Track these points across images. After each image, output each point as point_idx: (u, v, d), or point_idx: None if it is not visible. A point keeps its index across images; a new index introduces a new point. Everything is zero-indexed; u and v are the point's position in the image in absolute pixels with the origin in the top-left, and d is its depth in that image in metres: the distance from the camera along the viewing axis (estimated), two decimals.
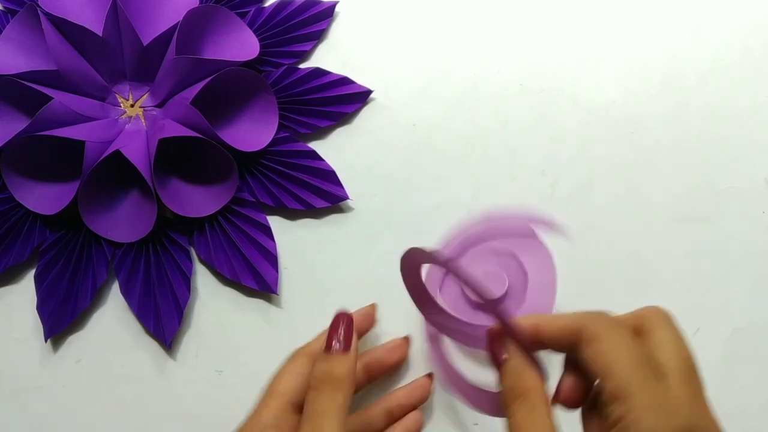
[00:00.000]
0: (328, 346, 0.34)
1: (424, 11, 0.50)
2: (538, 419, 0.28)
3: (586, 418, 0.30)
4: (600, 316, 0.29)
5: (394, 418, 0.41)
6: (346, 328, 0.34)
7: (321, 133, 0.48)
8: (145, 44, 0.45)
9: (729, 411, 0.43)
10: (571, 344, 0.29)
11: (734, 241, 0.46)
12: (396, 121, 0.48)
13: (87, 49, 0.45)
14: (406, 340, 0.43)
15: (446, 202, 0.47)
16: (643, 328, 0.29)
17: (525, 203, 0.47)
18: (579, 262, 0.45)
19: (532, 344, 0.30)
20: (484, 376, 0.38)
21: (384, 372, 0.42)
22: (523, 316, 0.31)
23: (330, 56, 0.49)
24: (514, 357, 0.30)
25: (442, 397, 0.44)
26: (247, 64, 0.46)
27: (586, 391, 0.30)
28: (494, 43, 0.49)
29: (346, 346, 0.34)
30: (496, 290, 0.42)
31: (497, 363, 0.31)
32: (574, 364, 0.30)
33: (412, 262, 0.36)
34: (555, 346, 0.30)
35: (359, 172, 0.47)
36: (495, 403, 0.34)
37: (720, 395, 0.44)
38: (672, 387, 0.26)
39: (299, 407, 0.34)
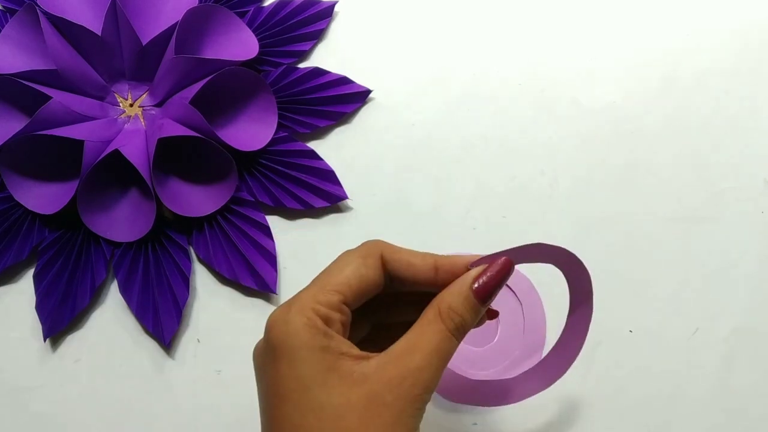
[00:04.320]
0: (486, 294, 0.29)
1: (423, 11, 0.50)
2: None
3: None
4: None
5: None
6: (499, 278, 0.30)
7: (320, 132, 0.48)
8: (144, 44, 0.45)
9: (728, 411, 0.44)
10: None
11: (733, 241, 0.46)
12: (395, 121, 0.48)
13: (86, 48, 0.45)
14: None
15: (445, 202, 0.47)
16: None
17: (524, 203, 0.47)
18: None
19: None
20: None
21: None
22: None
23: (329, 56, 0.49)
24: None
25: (440, 397, 0.43)
26: (247, 63, 0.46)
27: None
28: (494, 43, 0.49)
29: (485, 297, 0.29)
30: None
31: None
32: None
33: None
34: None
35: (358, 172, 0.47)
36: (486, 394, 0.34)
37: (719, 395, 0.44)
38: None
39: (346, 312, 0.29)
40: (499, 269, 0.29)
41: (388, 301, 0.32)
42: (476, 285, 0.29)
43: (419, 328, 0.29)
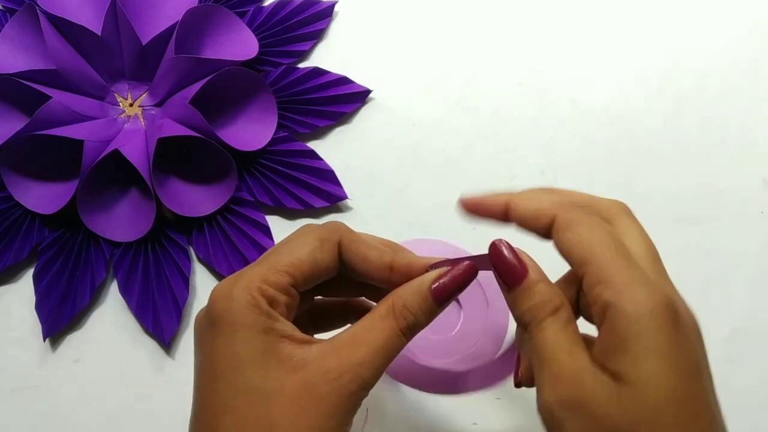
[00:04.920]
0: (444, 296, 0.28)
1: (423, 11, 0.50)
2: (572, 333, 0.26)
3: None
4: (572, 204, 0.28)
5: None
6: (460, 280, 0.28)
7: (320, 132, 0.48)
8: (144, 43, 0.45)
9: (728, 410, 0.44)
10: (543, 229, 0.28)
11: (733, 241, 0.46)
12: (395, 121, 0.48)
13: (86, 48, 0.45)
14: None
15: (445, 202, 0.47)
16: (607, 217, 0.28)
17: None
18: None
19: (501, 218, 0.30)
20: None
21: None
22: (496, 193, 0.30)
23: (329, 56, 0.49)
24: (539, 275, 0.28)
25: (440, 397, 0.43)
26: (246, 63, 0.46)
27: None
28: (494, 43, 0.49)
29: (443, 298, 0.28)
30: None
31: (516, 279, 0.27)
32: None
33: None
34: (526, 226, 0.29)
35: (358, 172, 0.47)
36: (445, 382, 0.34)
37: (719, 395, 0.44)
38: (645, 268, 0.26)
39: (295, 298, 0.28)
40: (461, 272, 0.28)
41: (336, 280, 0.30)
42: (435, 285, 0.28)
43: (369, 321, 0.27)
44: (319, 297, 0.32)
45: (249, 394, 0.25)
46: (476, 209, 0.31)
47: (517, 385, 0.32)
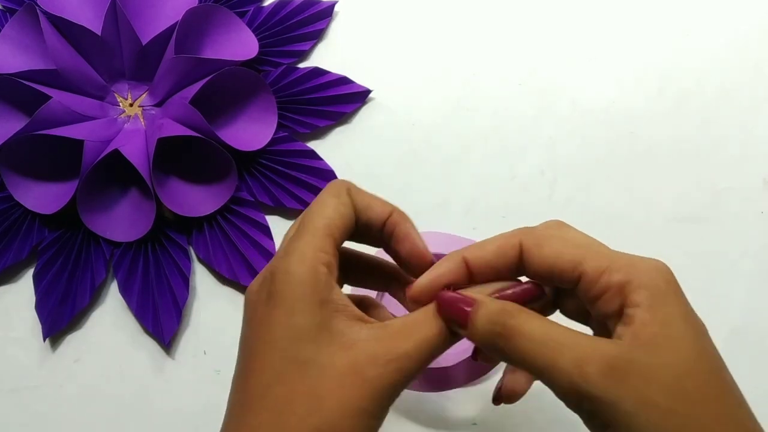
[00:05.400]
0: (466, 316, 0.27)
1: (423, 11, 0.50)
2: (546, 318, 0.26)
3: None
4: (533, 228, 0.28)
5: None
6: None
7: (320, 132, 0.48)
8: (144, 43, 0.45)
9: None
10: (513, 264, 0.27)
11: (733, 241, 0.46)
12: (395, 121, 0.48)
13: (86, 48, 0.45)
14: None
15: (445, 202, 0.47)
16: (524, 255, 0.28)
17: (524, 203, 0.47)
18: None
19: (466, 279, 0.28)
20: None
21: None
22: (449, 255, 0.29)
23: (329, 56, 0.49)
24: (482, 293, 0.28)
25: (439, 398, 0.43)
26: (246, 63, 0.46)
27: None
28: (494, 42, 0.49)
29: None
30: None
31: (465, 318, 0.27)
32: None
33: None
34: (498, 275, 0.28)
35: (358, 172, 0.47)
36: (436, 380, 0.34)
37: None
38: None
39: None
40: (522, 291, 0.28)
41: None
42: (496, 296, 0.28)
43: (422, 315, 0.27)
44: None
45: (302, 365, 0.26)
46: (435, 288, 0.29)
47: (496, 401, 0.33)
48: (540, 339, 0.25)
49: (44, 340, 0.44)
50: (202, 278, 0.46)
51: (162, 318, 0.44)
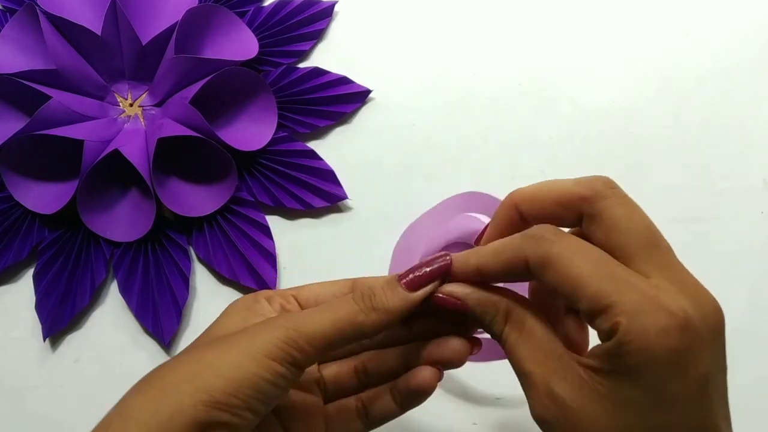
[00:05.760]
0: (402, 275, 0.28)
1: (423, 11, 0.50)
2: (535, 336, 0.26)
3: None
4: (538, 238, 0.26)
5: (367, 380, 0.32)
6: (432, 271, 0.28)
7: (320, 132, 0.48)
8: (144, 43, 0.45)
9: None
10: (525, 275, 0.27)
11: (733, 241, 0.46)
12: (395, 121, 0.48)
13: (86, 48, 0.45)
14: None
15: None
16: (588, 212, 0.26)
17: None
18: None
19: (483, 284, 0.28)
20: None
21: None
22: (462, 257, 0.28)
23: (329, 56, 0.49)
24: (473, 291, 0.28)
25: (439, 397, 0.43)
26: (246, 63, 0.46)
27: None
28: (493, 42, 0.49)
29: (414, 286, 0.28)
30: None
31: (458, 308, 0.28)
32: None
33: None
34: (514, 281, 0.28)
35: (358, 172, 0.47)
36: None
37: None
38: (644, 269, 0.24)
39: None
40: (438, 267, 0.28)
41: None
42: (405, 279, 0.28)
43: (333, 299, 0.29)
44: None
45: (214, 327, 0.30)
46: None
47: None
48: (516, 358, 0.27)
49: (44, 340, 0.44)
50: (202, 278, 0.46)
51: (162, 318, 0.44)
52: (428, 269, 0.28)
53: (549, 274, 0.25)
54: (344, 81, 0.47)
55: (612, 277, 0.24)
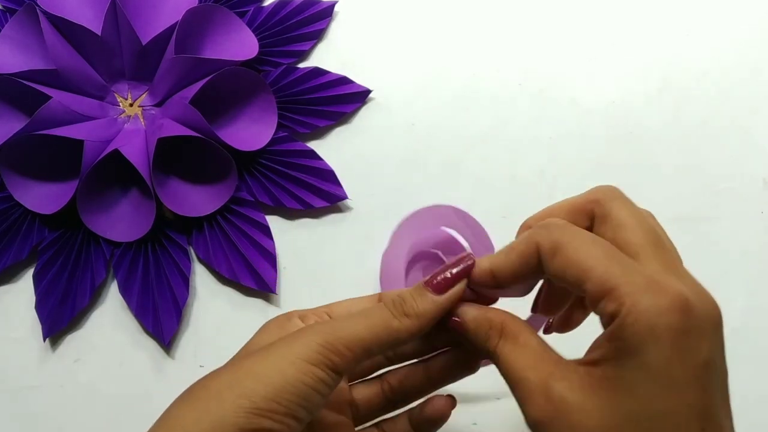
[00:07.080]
0: (427, 281, 0.29)
1: (423, 11, 0.50)
2: (529, 346, 0.27)
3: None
4: (550, 227, 0.27)
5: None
6: (458, 273, 0.29)
7: (320, 132, 0.48)
8: (144, 43, 0.45)
9: None
10: (536, 268, 0.27)
11: (733, 241, 0.46)
12: (395, 121, 0.48)
13: (86, 48, 0.45)
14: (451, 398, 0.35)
15: (445, 202, 0.47)
16: (598, 214, 0.28)
17: (524, 203, 0.46)
18: None
19: (495, 289, 0.29)
20: None
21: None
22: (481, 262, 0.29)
23: (329, 56, 0.49)
24: (469, 308, 0.29)
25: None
26: (246, 63, 0.46)
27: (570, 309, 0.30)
28: (493, 42, 0.49)
29: (441, 289, 0.28)
30: None
31: (456, 326, 0.29)
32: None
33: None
34: (525, 279, 0.28)
35: (358, 172, 0.47)
36: None
37: None
38: (648, 263, 0.25)
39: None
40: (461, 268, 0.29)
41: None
42: (431, 282, 0.29)
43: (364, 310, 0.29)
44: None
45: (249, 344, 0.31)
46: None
47: (546, 331, 0.33)
48: (510, 367, 0.27)
49: (44, 340, 0.44)
50: (202, 278, 0.46)
51: (162, 318, 0.44)
52: (454, 270, 0.29)
53: (558, 260, 0.26)
54: (344, 81, 0.47)
55: (619, 263, 0.25)
